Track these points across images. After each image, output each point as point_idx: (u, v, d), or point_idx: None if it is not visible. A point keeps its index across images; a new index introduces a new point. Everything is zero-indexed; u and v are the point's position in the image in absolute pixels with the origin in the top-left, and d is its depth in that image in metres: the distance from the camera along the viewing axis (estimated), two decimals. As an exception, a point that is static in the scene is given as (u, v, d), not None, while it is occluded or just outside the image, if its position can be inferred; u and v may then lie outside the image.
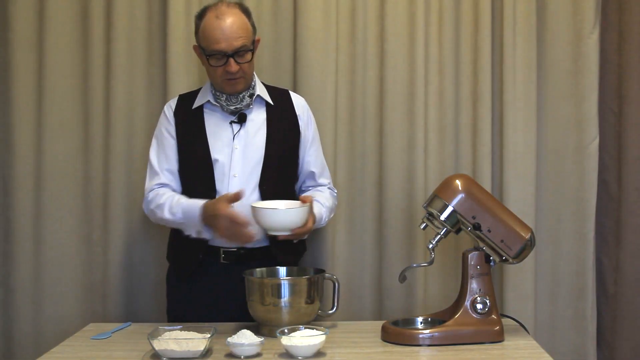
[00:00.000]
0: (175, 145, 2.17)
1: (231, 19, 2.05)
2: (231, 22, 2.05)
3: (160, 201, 2.09)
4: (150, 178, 2.17)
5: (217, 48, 2.04)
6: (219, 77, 2.09)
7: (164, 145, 2.17)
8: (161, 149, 2.17)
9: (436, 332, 1.87)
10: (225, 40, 2.03)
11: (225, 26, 2.04)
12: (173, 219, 2.07)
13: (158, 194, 2.11)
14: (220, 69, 2.07)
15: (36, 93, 2.50)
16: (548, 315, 2.56)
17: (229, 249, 2.12)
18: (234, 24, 2.05)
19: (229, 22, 2.04)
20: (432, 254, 1.98)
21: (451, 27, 2.53)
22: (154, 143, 2.20)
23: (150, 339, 1.72)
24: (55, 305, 2.50)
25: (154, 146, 2.19)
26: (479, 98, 2.51)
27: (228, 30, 2.03)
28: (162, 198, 2.09)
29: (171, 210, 2.06)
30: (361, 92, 2.53)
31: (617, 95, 2.59)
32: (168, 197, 2.09)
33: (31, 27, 2.49)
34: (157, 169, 2.16)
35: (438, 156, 2.54)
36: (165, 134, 2.18)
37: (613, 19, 2.59)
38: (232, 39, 2.04)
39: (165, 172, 2.16)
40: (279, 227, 1.94)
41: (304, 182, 2.28)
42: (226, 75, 2.07)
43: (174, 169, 2.17)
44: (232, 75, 2.07)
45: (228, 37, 2.03)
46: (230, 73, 2.06)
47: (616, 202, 2.59)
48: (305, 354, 1.72)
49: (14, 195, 2.49)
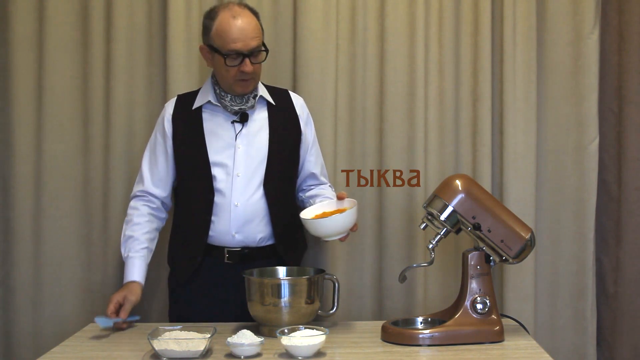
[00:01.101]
0: (169, 150, 2.17)
1: (247, 19, 2.06)
2: (247, 22, 2.06)
3: (126, 232, 2.15)
4: (136, 183, 2.23)
5: (234, 47, 2.04)
6: (232, 78, 2.09)
7: (156, 152, 2.19)
8: (152, 156, 2.20)
9: (436, 332, 1.86)
10: (242, 40, 2.04)
11: (242, 26, 2.04)
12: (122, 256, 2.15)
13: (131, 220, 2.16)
14: (235, 69, 2.07)
15: (36, 93, 2.50)
16: (548, 315, 2.56)
17: (233, 248, 2.13)
18: (250, 24, 2.06)
19: (245, 22, 2.05)
20: (432, 254, 1.98)
21: (451, 27, 2.54)
22: (147, 148, 2.22)
23: (150, 339, 1.72)
24: (55, 305, 2.50)
25: (147, 151, 2.22)
26: (479, 98, 2.51)
27: (245, 30, 2.04)
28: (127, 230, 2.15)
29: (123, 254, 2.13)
30: (361, 92, 2.53)
31: (617, 95, 2.59)
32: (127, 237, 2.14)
33: (31, 27, 2.49)
34: (144, 175, 2.20)
35: (438, 156, 2.54)
36: (160, 138, 2.19)
37: (613, 19, 2.59)
38: (248, 39, 2.04)
39: (150, 181, 2.18)
40: (340, 230, 1.95)
41: (305, 181, 2.29)
42: (240, 76, 2.07)
43: (162, 176, 2.19)
44: (246, 76, 2.07)
45: (245, 37, 2.04)
46: (245, 73, 2.06)
47: (616, 202, 2.59)
48: (305, 354, 1.72)
49: (14, 195, 2.49)
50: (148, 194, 2.19)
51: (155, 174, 2.18)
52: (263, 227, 2.14)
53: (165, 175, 2.19)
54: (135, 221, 2.15)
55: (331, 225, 1.93)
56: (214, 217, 2.11)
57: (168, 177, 2.19)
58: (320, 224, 1.93)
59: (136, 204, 2.18)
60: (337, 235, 1.96)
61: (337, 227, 1.93)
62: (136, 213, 2.16)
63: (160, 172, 2.18)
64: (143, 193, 2.19)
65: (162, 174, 2.18)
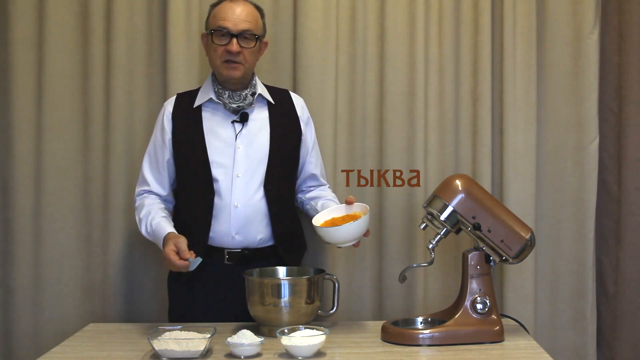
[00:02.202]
0: (169, 149, 2.17)
1: (244, 6, 2.12)
2: (243, 8, 2.11)
3: (140, 215, 2.12)
4: (139, 184, 2.22)
5: (223, 24, 2.07)
6: (219, 59, 2.10)
7: (157, 151, 2.19)
8: (153, 156, 2.19)
9: (436, 332, 1.86)
10: (232, 20, 2.07)
11: (236, 8, 2.10)
12: (147, 236, 2.10)
13: (142, 204, 2.15)
14: (221, 48, 2.08)
15: (36, 93, 2.50)
16: (548, 315, 2.56)
17: (233, 249, 2.12)
18: (245, 10, 2.11)
19: (241, 7, 2.11)
20: (432, 254, 1.98)
21: (451, 27, 2.54)
22: (149, 148, 2.22)
23: (150, 339, 1.72)
24: (55, 305, 2.50)
25: (148, 151, 2.21)
26: (479, 98, 2.51)
27: (237, 12, 2.09)
28: (142, 211, 2.13)
29: (146, 229, 2.10)
30: (361, 92, 2.53)
31: (617, 95, 2.59)
32: (145, 214, 2.11)
33: (31, 27, 2.49)
34: (146, 176, 2.19)
35: (438, 156, 2.54)
36: (160, 138, 2.18)
37: (613, 19, 2.59)
38: (239, 21, 2.08)
39: (153, 181, 2.18)
40: (354, 237, 1.94)
41: (305, 182, 2.29)
42: (226, 56, 2.09)
43: (164, 176, 2.18)
44: (232, 57, 2.08)
45: (236, 18, 2.08)
46: (231, 54, 2.08)
47: (616, 202, 2.59)
48: (305, 354, 1.72)
49: (14, 195, 2.49)
50: (151, 192, 2.19)
51: (156, 173, 2.18)
52: (263, 227, 2.14)
53: (166, 175, 2.19)
54: (147, 203, 2.14)
55: (345, 233, 1.92)
56: (214, 218, 2.11)
57: (169, 176, 2.19)
58: (335, 232, 1.93)
59: (143, 200, 2.17)
60: (350, 242, 1.96)
61: (351, 234, 1.93)
62: (146, 200, 2.16)
63: (160, 171, 2.18)
64: (146, 192, 2.19)
65: (163, 173, 2.18)
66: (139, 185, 2.21)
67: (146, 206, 2.13)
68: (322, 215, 2.02)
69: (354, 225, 1.91)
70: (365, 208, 1.98)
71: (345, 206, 2.03)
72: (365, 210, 1.96)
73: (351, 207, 2.02)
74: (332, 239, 1.94)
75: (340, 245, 1.97)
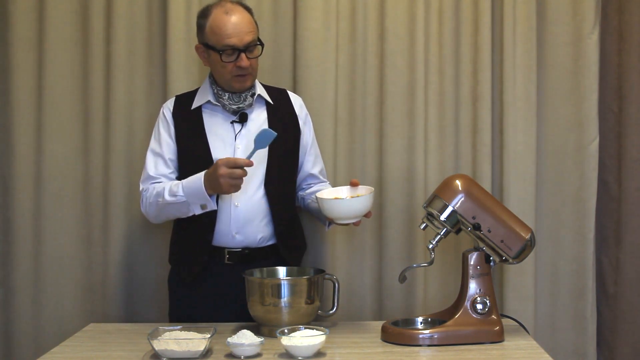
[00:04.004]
0: (174, 148, 2.16)
1: (239, 14, 2.08)
2: (240, 17, 2.07)
3: (159, 189, 2.07)
4: (144, 181, 2.16)
5: (229, 43, 2.05)
6: (229, 74, 2.09)
7: (162, 149, 2.16)
8: (158, 154, 2.16)
9: (436, 332, 1.87)
10: (236, 35, 2.05)
11: (235, 21, 2.06)
12: (175, 200, 2.03)
13: (154, 187, 2.10)
14: (231, 64, 2.07)
15: (36, 93, 2.50)
16: (548, 315, 2.56)
17: (233, 249, 2.12)
18: (243, 19, 2.08)
19: (238, 17, 2.07)
20: (432, 254, 1.98)
21: (451, 27, 2.53)
22: (152, 146, 2.18)
23: (150, 339, 1.72)
24: (55, 305, 2.50)
25: (151, 150, 2.18)
26: (479, 98, 2.51)
27: (239, 25, 2.06)
28: (159, 186, 2.08)
29: (171, 192, 2.04)
30: (361, 92, 2.53)
31: (617, 95, 2.59)
32: (165, 184, 2.08)
33: (31, 27, 2.49)
34: (152, 173, 2.14)
35: (438, 156, 2.53)
36: (164, 136, 2.17)
37: (613, 20, 2.59)
38: (243, 34, 2.06)
39: (161, 176, 2.15)
40: (356, 214, 1.95)
41: (305, 180, 2.29)
42: (237, 71, 2.08)
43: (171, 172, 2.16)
44: (243, 71, 2.08)
45: (239, 32, 2.05)
46: (242, 68, 2.07)
47: (616, 202, 2.59)
48: (305, 354, 1.72)
49: (14, 195, 2.49)
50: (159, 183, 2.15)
51: (163, 168, 2.15)
52: (263, 227, 2.14)
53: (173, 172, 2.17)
54: (163, 183, 2.09)
55: (348, 207, 1.93)
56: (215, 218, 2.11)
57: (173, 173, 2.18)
58: (338, 205, 1.93)
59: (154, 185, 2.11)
60: (351, 219, 1.96)
61: (354, 210, 1.93)
62: (157, 186, 2.10)
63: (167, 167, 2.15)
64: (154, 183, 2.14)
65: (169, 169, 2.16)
66: (144, 182, 2.15)
67: (159, 185, 2.08)
68: (326, 193, 2.03)
69: (357, 201, 1.92)
70: (369, 190, 1.99)
71: (349, 187, 2.04)
72: (370, 191, 1.97)
73: (356, 189, 2.02)
74: (334, 212, 1.95)
75: (342, 221, 1.97)
